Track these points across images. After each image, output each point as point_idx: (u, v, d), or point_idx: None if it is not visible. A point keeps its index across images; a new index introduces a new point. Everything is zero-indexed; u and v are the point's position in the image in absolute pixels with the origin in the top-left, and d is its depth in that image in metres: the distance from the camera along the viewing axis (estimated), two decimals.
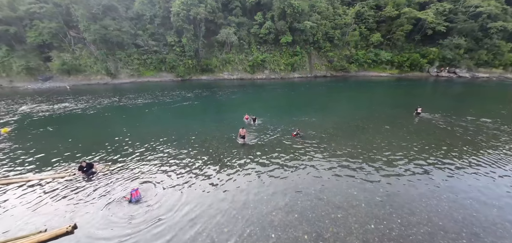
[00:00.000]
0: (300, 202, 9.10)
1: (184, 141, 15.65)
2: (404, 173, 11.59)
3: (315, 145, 14.94)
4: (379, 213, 8.51)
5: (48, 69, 47.47)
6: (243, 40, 55.26)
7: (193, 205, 9.12)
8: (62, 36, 47.73)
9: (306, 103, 29.36)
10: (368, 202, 9.12)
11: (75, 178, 11.32)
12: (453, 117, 21.45)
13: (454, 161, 13.03)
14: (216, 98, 32.81)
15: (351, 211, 8.59)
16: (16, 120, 21.35)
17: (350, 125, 19.26)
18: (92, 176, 11.49)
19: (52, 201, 9.58)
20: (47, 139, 16.44)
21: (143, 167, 12.26)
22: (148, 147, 14.77)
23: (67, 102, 29.15)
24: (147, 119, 21.94)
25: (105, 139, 16.36)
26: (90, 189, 10.34)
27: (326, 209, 8.68)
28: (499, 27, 57.87)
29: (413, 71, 62.67)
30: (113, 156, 13.55)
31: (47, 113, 23.88)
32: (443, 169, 12.02)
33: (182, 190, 10.20)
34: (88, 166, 11.67)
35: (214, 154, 13.68)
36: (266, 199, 9.36)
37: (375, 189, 10.05)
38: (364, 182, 10.59)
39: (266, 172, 11.57)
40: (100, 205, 9.22)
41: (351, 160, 12.86)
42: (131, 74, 50.28)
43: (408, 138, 16.28)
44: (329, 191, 9.78)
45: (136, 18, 51.37)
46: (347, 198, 9.35)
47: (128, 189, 9.95)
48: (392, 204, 9.02)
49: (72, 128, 19.57)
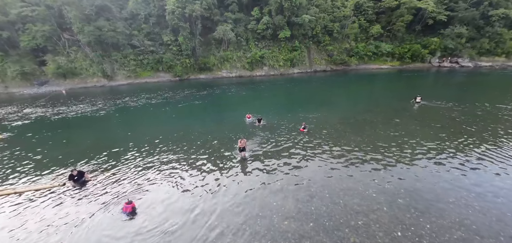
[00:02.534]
0: (314, 208, 8.16)
1: (183, 144, 14.67)
2: (422, 169, 10.67)
3: (323, 142, 13.99)
4: (404, 218, 7.59)
5: (43, 73, 46.45)
6: (241, 36, 54.04)
7: (193, 217, 8.17)
8: (56, 39, 46.57)
9: (308, 99, 28.40)
10: (390, 204, 8.20)
11: (63, 188, 10.37)
12: (462, 106, 20.55)
13: (475, 151, 12.14)
14: (215, 97, 31.78)
15: (373, 216, 7.66)
16: (9, 126, 20.34)
17: (357, 119, 18.31)
18: (83, 185, 10.54)
19: (38, 216, 8.62)
20: (40, 145, 15.41)
21: (140, 173, 11.30)
22: (144, 151, 13.80)
23: (63, 106, 28.11)
24: (144, 122, 20.96)
25: (100, 143, 15.40)
26: (80, 201, 9.39)
27: (344, 215, 7.75)
28: (501, 15, 56.85)
29: (414, 62, 61.59)
30: (108, 161, 12.59)
31: (41, 118, 22.88)
32: (464, 162, 11.09)
33: (180, 199, 9.23)
34: (79, 174, 10.71)
35: (215, 156, 12.73)
36: (276, 206, 8.41)
37: (395, 189, 9.12)
38: (381, 181, 9.65)
39: (274, 175, 10.62)
40: (91, 220, 8.27)
41: (363, 157, 11.93)
42: (128, 75, 49.17)
43: (420, 130, 15.36)
44: (344, 194, 8.84)
45: (130, 18, 50.12)
46: (365, 201, 8.42)
47: (122, 201, 9.00)
48: (416, 206, 8.10)
49: (67, 132, 18.57)
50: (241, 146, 12.17)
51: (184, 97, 31.11)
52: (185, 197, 9.30)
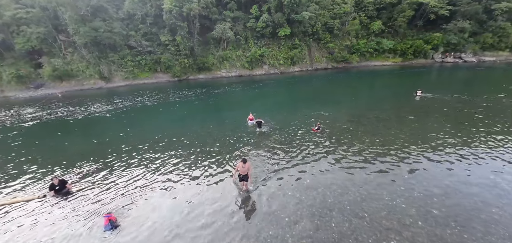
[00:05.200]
0: (335, 223, 6.89)
1: (181, 147, 13.41)
2: (450, 172, 9.42)
3: (335, 143, 12.73)
4: (445, 235, 6.34)
5: (39, 76, 45.33)
6: (240, 35, 52.77)
7: (188, 238, 6.91)
8: (51, 41, 45.35)
9: (312, 97, 27.17)
10: (425, 218, 6.94)
11: (41, 201, 9.10)
12: (478, 99, 19.30)
13: (504, 146, 10.92)
14: (214, 97, 30.52)
15: (406, 233, 6.40)
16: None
17: (368, 117, 17.05)
18: (66, 197, 9.28)
19: (9, 234, 7.36)
20: (24, 152, 14.16)
21: (130, 182, 10.02)
22: (137, 156, 12.53)
23: (56, 109, 26.83)
24: (140, 124, 19.67)
25: (89, 148, 14.13)
26: (61, 215, 8.13)
27: (372, 234, 6.48)
28: (504, 8, 55.81)
29: (417, 58, 60.47)
30: (97, 168, 11.32)
31: (33, 123, 21.60)
32: (496, 159, 9.86)
33: (171, 212, 7.96)
34: (61, 183, 9.44)
35: (216, 160, 11.47)
36: (288, 222, 7.13)
37: (426, 197, 7.86)
38: (408, 189, 8.39)
39: (282, 181, 9.37)
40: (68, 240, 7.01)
41: (382, 159, 10.67)
42: (126, 77, 47.92)
43: (438, 128, 14.10)
44: (368, 205, 7.59)
45: (127, 18, 48.85)
46: (394, 213, 7.16)
47: (102, 214, 7.76)
48: (456, 219, 6.85)
49: (55, 138, 17.29)
50: (242, 172, 8.43)
51: (182, 98, 29.85)
52: (177, 212, 8.02)
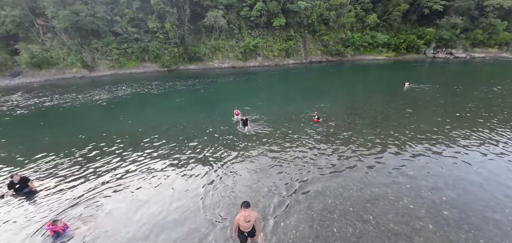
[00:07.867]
0: (337, 229, 6.04)
1: (165, 140, 12.26)
2: (457, 167, 8.77)
3: (332, 137, 11.90)
4: (459, 239, 5.63)
5: (16, 63, 42.00)
6: (233, 24, 50.89)
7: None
8: (28, 25, 42.07)
9: (308, 89, 26.31)
10: (435, 219, 6.21)
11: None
12: (476, 92, 19.01)
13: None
14: (205, 89, 29.14)
15: (417, 239, 5.65)
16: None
17: (366, 110, 16.35)
18: (27, 196, 8.04)
19: None
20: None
21: (103, 180, 8.86)
22: (115, 151, 11.28)
23: (31, 100, 24.82)
24: (122, 116, 18.23)
25: (62, 141, 12.74)
26: (17, 218, 6.93)
27: (380, 240, 5.69)
28: (496, 5, 56.67)
29: (410, 53, 60.81)
30: (69, 164, 10.06)
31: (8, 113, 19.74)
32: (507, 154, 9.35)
33: (148, 215, 6.96)
34: (22, 181, 8.17)
35: (205, 156, 10.43)
36: (283, 226, 6.24)
37: (435, 196, 7.15)
38: (415, 187, 7.66)
39: (279, 184, 8.45)
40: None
41: (384, 154, 9.93)
42: (111, 65, 45.33)
43: (439, 121, 13.53)
44: (373, 206, 6.79)
45: (111, 2, 45.92)
46: (402, 215, 6.40)
47: (71, 219, 6.62)
48: (469, 221, 6.16)
49: (23, 130, 15.70)
50: (245, 227, 5.42)
51: (171, 89, 28.32)
52: (154, 215, 7.00)
